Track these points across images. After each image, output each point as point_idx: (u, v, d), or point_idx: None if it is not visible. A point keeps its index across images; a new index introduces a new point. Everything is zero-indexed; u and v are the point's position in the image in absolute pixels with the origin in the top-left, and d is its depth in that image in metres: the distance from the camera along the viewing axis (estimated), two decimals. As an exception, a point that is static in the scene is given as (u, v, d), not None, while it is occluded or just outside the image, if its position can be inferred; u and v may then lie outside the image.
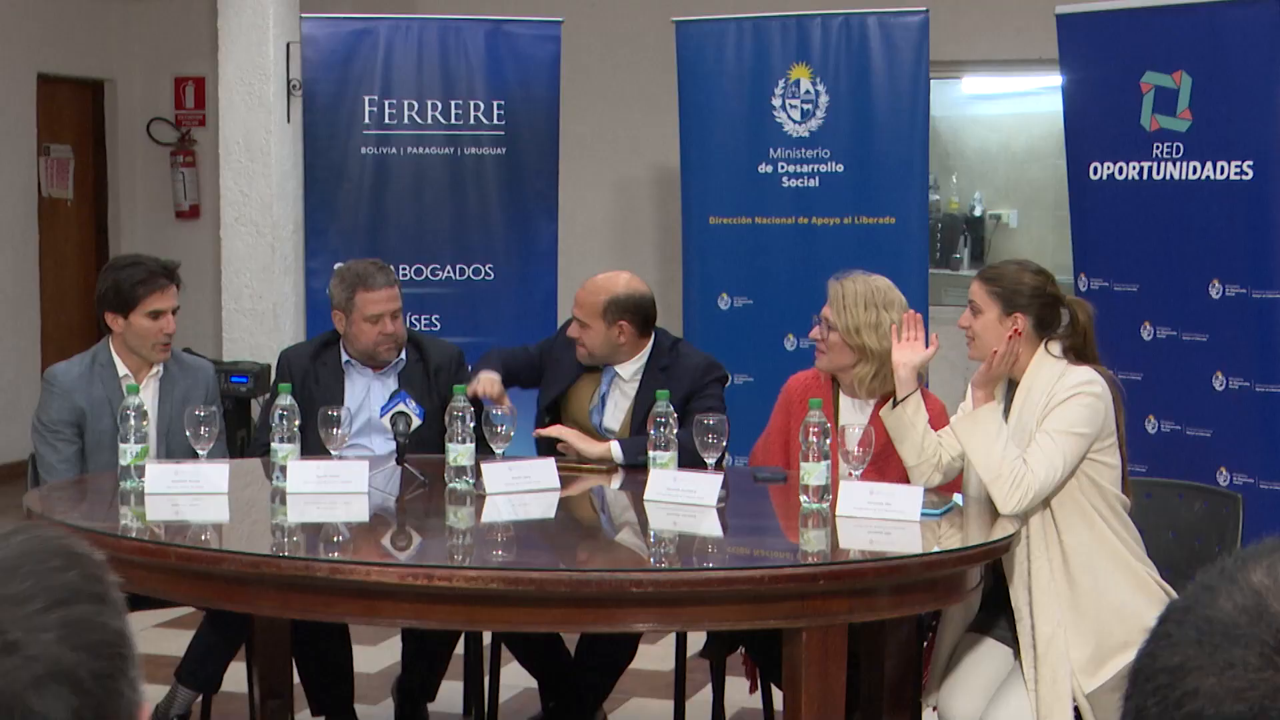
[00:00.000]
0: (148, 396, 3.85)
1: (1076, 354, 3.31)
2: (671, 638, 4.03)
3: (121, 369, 3.87)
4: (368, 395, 4.04)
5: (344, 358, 4.06)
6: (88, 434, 3.86)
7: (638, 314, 3.94)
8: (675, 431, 3.48)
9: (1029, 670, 3.21)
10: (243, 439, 5.96)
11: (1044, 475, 3.17)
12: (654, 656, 4.00)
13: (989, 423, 3.23)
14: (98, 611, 0.90)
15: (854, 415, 3.63)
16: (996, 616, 3.34)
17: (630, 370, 3.98)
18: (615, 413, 3.98)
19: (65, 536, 0.94)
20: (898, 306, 3.62)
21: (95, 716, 0.88)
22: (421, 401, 3.88)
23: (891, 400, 3.41)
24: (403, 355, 4.09)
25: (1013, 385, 3.35)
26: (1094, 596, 3.21)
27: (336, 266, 4.21)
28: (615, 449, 3.80)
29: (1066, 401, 3.22)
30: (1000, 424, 3.24)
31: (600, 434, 3.95)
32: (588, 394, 4.01)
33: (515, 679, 4.10)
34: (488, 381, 3.90)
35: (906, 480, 3.43)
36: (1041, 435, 3.20)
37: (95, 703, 0.88)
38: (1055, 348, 3.30)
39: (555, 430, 3.87)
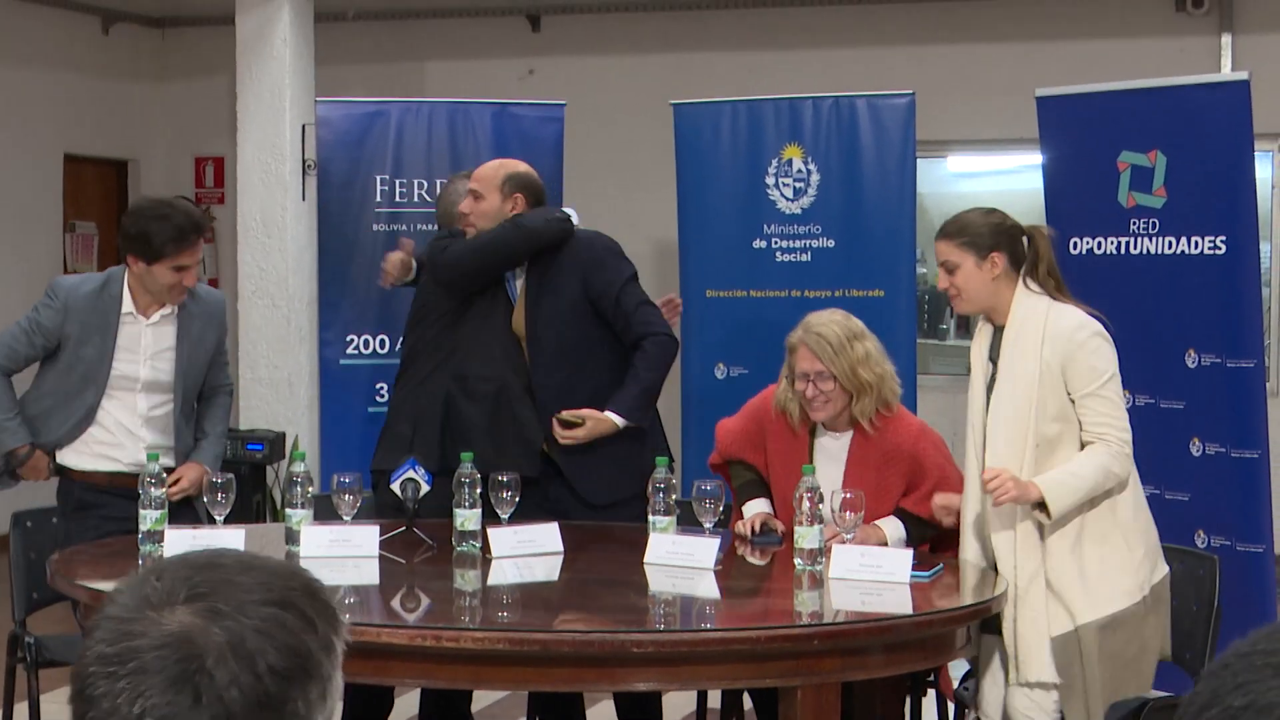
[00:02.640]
0: (165, 334, 3.94)
1: (1053, 285, 3.36)
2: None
3: (128, 304, 3.93)
4: None
5: None
6: (64, 354, 3.93)
7: (531, 190, 4.14)
8: (675, 498, 3.59)
9: (1008, 610, 3.28)
10: (258, 504, 6.11)
11: (1122, 426, 3.27)
12: (676, 706, 4.12)
13: (1063, 481, 3.26)
14: (303, 629, 1.03)
15: (831, 448, 3.66)
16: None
17: None
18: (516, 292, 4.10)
19: (320, 582, 1.08)
20: (866, 331, 3.66)
21: (257, 705, 1.00)
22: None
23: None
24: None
25: (998, 330, 3.38)
26: (1077, 536, 3.30)
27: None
28: (616, 418, 3.94)
29: (1081, 356, 3.27)
30: (1059, 468, 3.28)
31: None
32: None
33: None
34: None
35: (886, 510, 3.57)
36: (1088, 400, 3.27)
37: (262, 692, 1.00)
38: (1034, 283, 3.35)
39: (575, 415, 3.94)
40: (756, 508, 3.76)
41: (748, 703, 3.95)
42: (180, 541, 3.52)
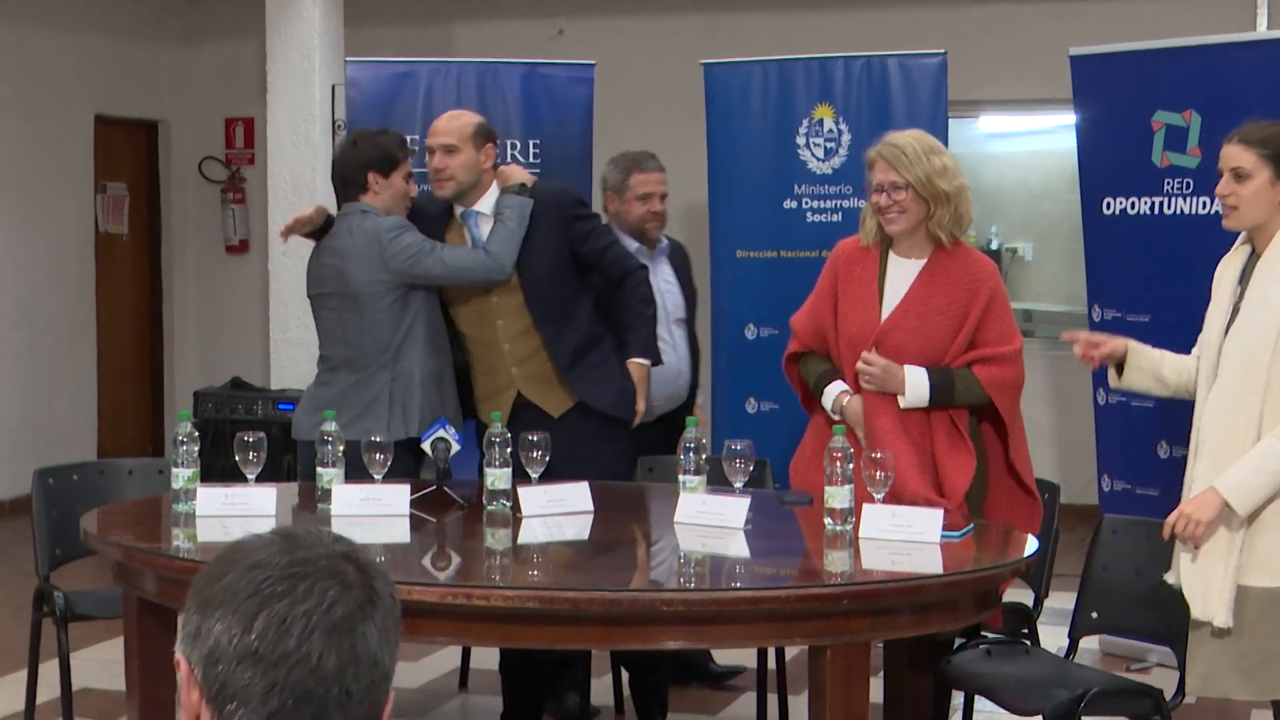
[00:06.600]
0: None
1: None
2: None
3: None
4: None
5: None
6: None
7: (494, 138, 4.26)
8: (705, 458, 3.60)
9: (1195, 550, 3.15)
10: (289, 464, 6.14)
11: None
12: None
13: (1246, 480, 3.09)
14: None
15: (905, 276, 3.65)
16: None
17: (488, 204, 4.23)
18: None
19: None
20: (943, 148, 3.65)
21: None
22: None
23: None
24: (665, 242, 4.75)
25: (1253, 254, 3.21)
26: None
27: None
28: (645, 363, 4.26)
29: None
30: (1240, 464, 3.10)
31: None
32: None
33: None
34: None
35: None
36: None
37: None
38: None
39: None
40: (840, 388, 3.73)
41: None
42: (212, 500, 3.54)
